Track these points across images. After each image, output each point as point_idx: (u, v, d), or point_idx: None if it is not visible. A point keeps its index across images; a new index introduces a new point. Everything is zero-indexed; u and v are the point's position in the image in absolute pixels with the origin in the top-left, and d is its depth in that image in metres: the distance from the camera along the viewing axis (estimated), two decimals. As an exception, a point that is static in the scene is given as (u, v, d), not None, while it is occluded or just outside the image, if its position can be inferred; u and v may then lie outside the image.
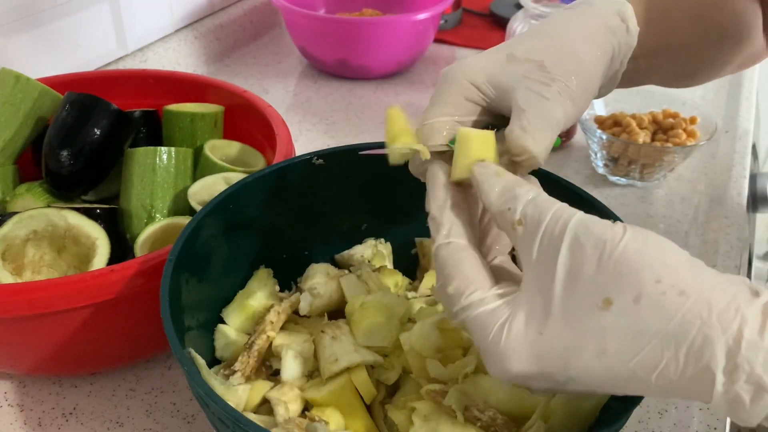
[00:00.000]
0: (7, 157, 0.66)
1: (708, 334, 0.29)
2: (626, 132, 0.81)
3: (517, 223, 0.34)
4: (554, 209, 0.33)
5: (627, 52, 0.46)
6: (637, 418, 0.54)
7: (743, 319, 0.28)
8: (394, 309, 0.49)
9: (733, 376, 0.28)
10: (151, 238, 0.60)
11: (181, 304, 0.45)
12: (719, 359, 0.29)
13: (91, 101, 0.64)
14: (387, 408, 0.45)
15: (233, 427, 0.36)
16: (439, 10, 1.04)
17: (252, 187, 0.52)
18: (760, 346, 0.28)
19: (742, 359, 0.28)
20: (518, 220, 0.34)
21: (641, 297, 0.30)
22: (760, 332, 0.28)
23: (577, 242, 0.32)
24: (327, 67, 1.08)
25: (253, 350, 0.48)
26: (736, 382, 0.28)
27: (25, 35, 0.82)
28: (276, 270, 0.55)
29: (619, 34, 0.45)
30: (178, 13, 1.08)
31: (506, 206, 0.35)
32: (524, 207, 0.34)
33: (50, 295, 0.46)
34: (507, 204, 0.35)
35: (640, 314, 0.30)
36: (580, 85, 0.41)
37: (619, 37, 0.45)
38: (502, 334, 0.33)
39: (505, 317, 0.33)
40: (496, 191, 0.35)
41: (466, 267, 0.35)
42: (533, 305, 0.33)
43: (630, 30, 0.45)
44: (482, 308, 0.34)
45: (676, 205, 0.81)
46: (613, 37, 0.44)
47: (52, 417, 0.53)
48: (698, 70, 0.52)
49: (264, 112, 0.67)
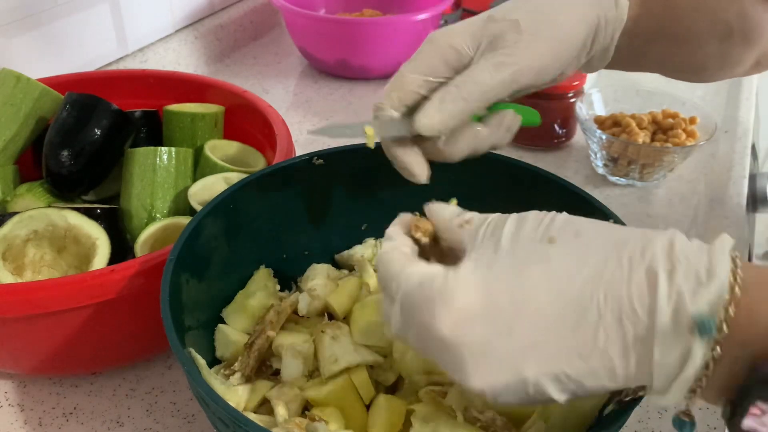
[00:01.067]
0: (8, 157, 0.66)
1: (646, 239, 0.31)
2: (626, 132, 0.81)
3: (465, 223, 0.36)
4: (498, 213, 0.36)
5: (617, 26, 0.48)
6: (636, 418, 0.54)
7: (673, 233, 0.32)
8: None
9: (673, 273, 0.30)
10: (151, 238, 0.60)
11: (181, 304, 0.45)
12: (659, 256, 0.30)
13: (92, 101, 0.64)
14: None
15: (233, 427, 0.36)
16: (439, 10, 1.04)
17: (252, 187, 0.52)
18: (691, 247, 0.31)
19: (679, 254, 0.30)
20: (466, 220, 0.36)
21: (581, 231, 0.33)
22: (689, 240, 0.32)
23: (520, 217, 0.35)
24: (327, 67, 1.08)
25: (253, 350, 0.48)
26: (675, 280, 0.30)
27: (25, 35, 0.82)
28: (276, 270, 0.56)
29: (605, 5, 0.47)
30: (179, 14, 1.08)
31: (455, 215, 0.38)
32: (472, 215, 0.37)
33: (50, 295, 0.46)
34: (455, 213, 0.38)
35: (582, 243, 0.32)
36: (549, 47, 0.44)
37: (606, 9, 0.47)
38: (448, 277, 0.33)
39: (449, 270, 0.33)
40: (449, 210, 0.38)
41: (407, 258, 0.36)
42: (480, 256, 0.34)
43: (619, 3, 0.47)
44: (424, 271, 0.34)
45: (676, 205, 0.81)
46: (599, 7, 0.46)
47: (52, 417, 0.53)
48: (705, 65, 0.52)
49: (264, 112, 0.67)
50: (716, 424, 0.54)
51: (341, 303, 0.51)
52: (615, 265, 0.31)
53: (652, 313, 0.30)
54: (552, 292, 0.31)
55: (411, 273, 0.34)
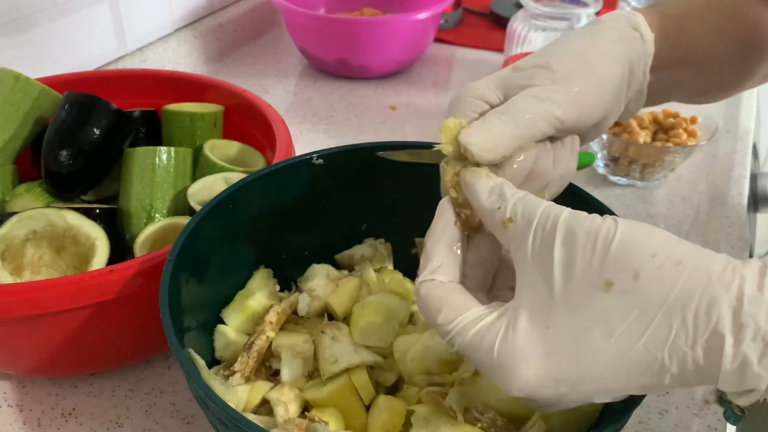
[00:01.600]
0: (7, 157, 0.65)
1: (712, 295, 0.29)
2: (627, 132, 0.81)
3: (507, 221, 0.34)
4: (543, 206, 0.34)
5: (646, 60, 0.45)
6: (637, 418, 0.54)
7: (742, 278, 0.29)
8: (394, 311, 0.49)
9: (739, 335, 0.29)
10: (150, 238, 0.60)
11: (180, 304, 0.45)
12: (726, 319, 0.29)
13: (91, 101, 0.64)
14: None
15: (233, 428, 0.36)
16: (439, 9, 1.04)
17: (252, 187, 0.52)
18: (762, 301, 0.29)
19: (746, 316, 0.29)
20: (508, 218, 0.34)
21: (640, 273, 0.30)
22: (759, 288, 0.29)
23: (570, 233, 0.32)
24: (327, 66, 1.08)
25: (253, 350, 0.48)
26: (743, 341, 0.29)
27: (24, 35, 0.82)
28: (276, 270, 0.55)
29: (633, 41, 0.44)
30: (178, 13, 1.08)
31: (495, 205, 0.35)
32: (513, 206, 0.34)
33: (50, 295, 0.46)
34: (496, 203, 0.35)
35: (642, 289, 0.30)
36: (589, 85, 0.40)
37: (635, 44, 0.44)
38: (507, 340, 0.32)
39: (506, 326, 0.33)
40: (486, 191, 0.36)
41: (451, 297, 0.35)
42: (534, 302, 0.33)
43: (645, 37, 0.45)
44: (478, 325, 0.33)
45: (677, 205, 0.81)
46: (628, 44, 0.44)
47: (51, 417, 0.53)
48: (723, 84, 0.51)
49: (264, 112, 0.67)
50: (717, 425, 0.54)
51: (341, 303, 0.51)
52: (679, 326, 0.30)
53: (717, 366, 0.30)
54: (616, 357, 0.31)
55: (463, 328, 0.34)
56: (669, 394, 0.56)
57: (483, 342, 0.33)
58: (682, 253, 0.31)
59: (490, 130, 0.37)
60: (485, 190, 0.36)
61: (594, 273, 0.31)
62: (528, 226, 0.33)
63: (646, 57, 0.45)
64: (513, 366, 0.32)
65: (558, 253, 0.32)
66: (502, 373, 0.33)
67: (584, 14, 0.90)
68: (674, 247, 0.31)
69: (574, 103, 0.39)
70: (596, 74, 0.41)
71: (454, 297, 0.35)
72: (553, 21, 0.91)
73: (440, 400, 0.42)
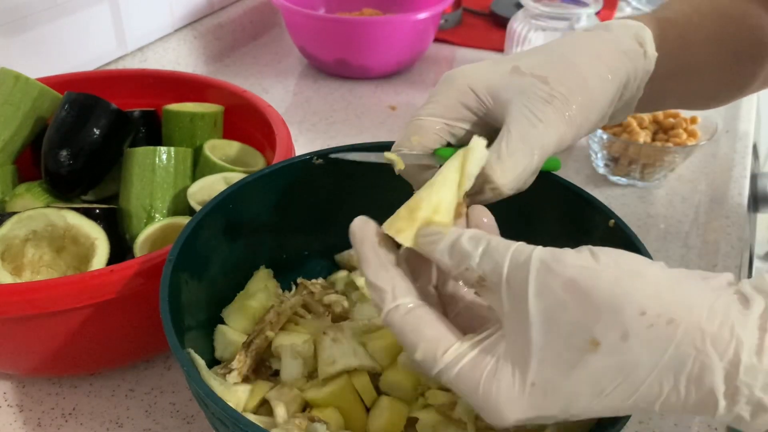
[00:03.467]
0: (7, 157, 0.65)
1: (705, 363, 0.28)
2: (627, 132, 0.81)
3: (478, 281, 0.32)
4: (510, 255, 0.31)
5: (644, 77, 0.45)
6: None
7: (739, 342, 0.27)
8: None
9: (734, 398, 0.28)
10: (150, 238, 0.60)
11: (180, 304, 0.45)
12: (719, 386, 0.28)
13: (91, 101, 0.64)
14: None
15: (233, 428, 0.36)
16: (439, 9, 1.04)
17: (252, 187, 0.52)
18: (759, 369, 0.27)
19: (741, 384, 0.28)
20: (478, 278, 0.32)
21: (629, 334, 0.28)
22: (758, 353, 0.27)
23: (544, 286, 0.30)
24: (327, 66, 1.08)
25: (251, 349, 0.48)
26: (737, 404, 0.28)
27: (24, 35, 0.82)
28: (276, 270, 0.55)
29: (635, 58, 0.43)
30: (178, 13, 1.07)
31: (462, 267, 0.33)
32: (479, 262, 0.32)
33: (50, 295, 0.46)
34: (462, 265, 0.33)
35: (632, 351, 0.28)
36: (582, 106, 0.40)
37: (635, 61, 0.43)
38: (491, 388, 0.31)
39: (489, 368, 0.31)
40: (447, 256, 0.33)
41: (426, 327, 0.33)
42: (516, 354, 0.31)
43: (647, 54, 0.44)
44: (461, 364, 0.32)
45: (677, 205, 0.81)
46: (629, 61, 0.43)
47: (51, 417, 0.53)
48: (717, 92, 0.51)
49: (264, 112, 0.67)
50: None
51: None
52: (671, 389, 0.29)
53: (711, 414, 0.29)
54: (605, 409, 0.30)
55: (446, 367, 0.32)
56: (669, 394, 0.56)
57: (467, 382, 0.32)
58: (673, 309, 0.28)
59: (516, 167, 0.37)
60: (445, 255, 0.33)
61: (577, 332, 0.29)
62: (499, 283, 0.31)
63: (644, 74, 0.45)
64: (499, 413, 0.31)
65: (534, 311, 0.30)
66: (489, 413, 0.31)
67: (584, 14, 0.90)
68: (665, 299, 0.28)
69: (569, 127, 0.39)
70: (591, 94, 0.40)
71: (427, 328, 0.33)
72: (553, 21, 0.91)
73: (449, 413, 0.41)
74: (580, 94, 0.40)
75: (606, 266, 0.29)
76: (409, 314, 0.33)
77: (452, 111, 0.41)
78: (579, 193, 0.50)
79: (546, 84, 0.39)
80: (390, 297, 0.33)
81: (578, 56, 0.42)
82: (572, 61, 0.41)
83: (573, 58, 0.41)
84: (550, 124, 0.38)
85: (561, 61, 0.41)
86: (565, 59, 0.41)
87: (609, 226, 0.47)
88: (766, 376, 0.27)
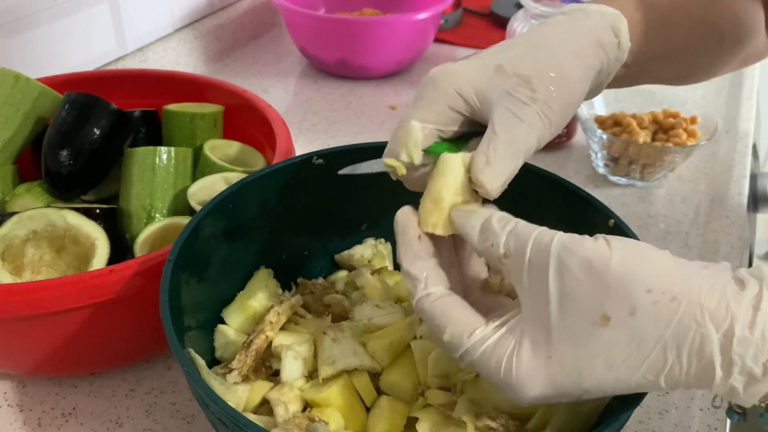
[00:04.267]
0: (7, 157, 0.65)
1: (705, 334, 0.31)
2: (627, 132, 0.81)
3: (503, 257, 0.35)
4: (534, 236, 0.34)
5: (615, 66, 0.46)
6: (637, 418, 0.54)
7: (734, 317, 0.30)
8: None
9: (729, 369, 0.31)
10: (150, 238, 0.60)
11: (181, 304, 0.45)
12: (716, 356, 0.31)
13: (91, 101, 0.64)
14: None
15: (233, 428, 0.36)
16: (439, 9, 1.04)
17: (252, 187, 0.52)
18: (750, 342, 0.30)
19: (735, 354, 0.30)
20: (503, 254, 0.35)
21: (636, 309, 0.31)
22: (750, 328, 0.30)
23: (563, 265, 0.33)
24: (327, 66, 1.08)
25: (251, 349, 0.48)
26: (731, 375, 0.31)
27: (25, 35, 0.82)
28: (276, 270, 0.55)
29: (609, 50, 0.44)
30: (178, 13, 1.08)
31: (488, 243, 0.35)
32: (506, 240, 0.35)
33: (50, 295, 0.46)
34: (488, 241, 0.35)
35: (639, 325, 0.31)
36: (560, 105, 0.41)
37: (609, 53, 0.44)
38: (512, 366, 0.34)
39: (510, 348, 0.34)
40: (477, 232, 0.36)
41: (455, 311, 0.36)
42: (535, 331, 0.34)
43: (621, 45, 0.45)
44: (485, 345, 0.35)
45: (677, 205, 0.81)
46: (603, 53, 0.44)
47: (51, 417, 0.53)
48: (695, 71, 0.52)
49: (264, 112, 0.67)
50: (717, 425, 0.54)
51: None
52: (674, 359, 0.31)
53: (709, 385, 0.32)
54: (616, 381, 0.33)
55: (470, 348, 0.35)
56: (669, 394, 0.56)
57: (490, 362, 0.34)
58: (676, 287, 0.31)
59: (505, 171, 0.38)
60: (475, 230, 0.36)
61: (591, 307, 0.32)
62: (521, 261, 0.34)
63: (616, 64, 0.46)
64: (519, 388, 0.34)
65: (552, 289, 0.33)
66: (510, 390, 0.34)
67: (584, 14, 0.90)
68: (669, 280, 0.31)
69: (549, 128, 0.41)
70: (570, 92, 0.42)
71: (455, 312, 0.36)
72: (553, 21, 0.91)
73: (449, 413, 0.41)
74: (561, 94, 0.41)
75: (617, 250, 0.32)
76: (438, 300, 0.36)
77: (441, 115, 0.42)
78: (579, 193, 0.50)
79: (529, 84, 0.40)
80: (422, 285, 0.36)
81: (559, 52, 0.42)
82: (554, 57, 0.42)
83: (556, 54, 0.42)
84: (533, 126, 0.40)
85: (543, 58, 0.42)
86: (547, 56, 0.42)
87: (609, 226, 0.47)
88: (756, 348, 0.30)
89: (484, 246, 0.36)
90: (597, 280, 0.32)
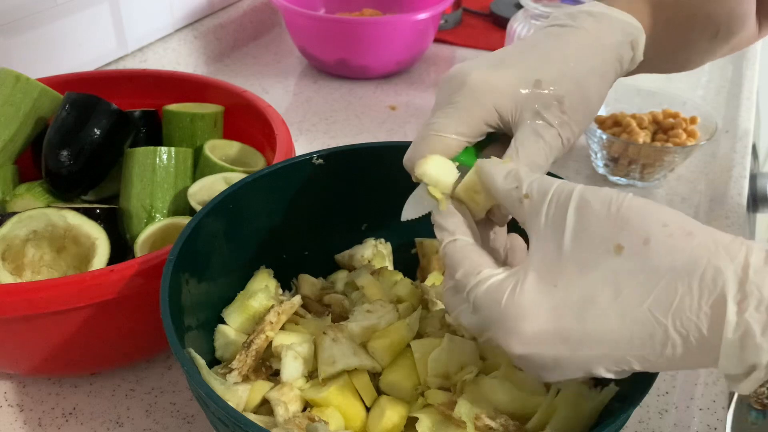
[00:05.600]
0: (7, 157, 0.65)
1: (717, 264, 0.30)
2: (626, 132, 0.81)
3: (524, 197, 0.36)
4: (558, 182, 0.35)
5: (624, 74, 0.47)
6: (637, 418, 0.54)
7: (749, 250, 0.30)
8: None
9: (743, 304, 0.29)
10: (151, 238, 0.60)
11: (181, 304, 0.45)
12: (731, 286, 0.30)
13: (91, 101, 0.64)
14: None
15: (233, 428, 0.36)
16: (439, 10, 1.04)
17: (252, 187, 0.52)
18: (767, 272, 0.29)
19: (751, 285, 0.29)
20: (525, 194, 0.36)
21: (650, 239, 0.32)
22: (766, 260, 0.30)
23: (584, 201, 0.34)
24: (327, 67, 1.08)
25: (251, 349, 0.48)
26: (746, 310, 0.29)
27: (25, 35, 0.82)
28: (276, 270, 0.55)
29: (625, 64, 0.46)
30: (178, 13, 1.08)
31: (512, 185, 0.37)
32: (530, 184, 0.36)
33: (50, 295, 0.46)
34: (513, 184, 0.37)
35: (651, 254, 0.31)
36: (580, 127, 0.43)
37: (624, 66, 0.46)
38: (514, 297, 0.34)
39: (515, 283, 0.34)
40: (502, 175, 0.37)
41: (473, 254, 0.37)
42: (544, 263, 0.34)
43: (635, 59, 0.46)
44: (491, 280, 0.35)
45: (677, 205, 0.81)
46: (620, 67, 0.45)
47: (52, 417, 0.53)
48: (688, 61, 0.52)
49: (264, 112, 0.67)
50: (716, 424, 0.54)
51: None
52: (685, 290, 0.31)
53: (719, 337, 0.30)
54: (621, 318, 0.32)
55: (478, 284, 0.36)
56: (669, 394, 0.56)
57: (493, 296, 0.35)
58: (692, 226, 0.32)
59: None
60: (501, 174, 0.37)
61: (605, 236, 0.32)
62: (543, 198, 0.35)
63: (626, 73, 0.47)
64: (517, 319, 0.33)
65: (570, 219, 0.34)
66: (507, 326, 0.34)
67: (584, 14, 0.90)
68: (685, 220, 0.32)
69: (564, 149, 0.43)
70: (591, 115, 0.44)
71: (472, 255, 0.37)
72: (553, 21, 0.91)
73: (449, 413, 0.41)
74: (584, 117, 0.43)
75: (638, 197, 0.33)
76: (462, 246, 0.38)
77: (475, 129, 0.43)
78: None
79: (561, 106, 0.42)
80: (450, 234, 0.39)
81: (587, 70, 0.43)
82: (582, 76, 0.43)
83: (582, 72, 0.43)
84: (552, 148, 0.42)
85: (574, 76, 0.43)
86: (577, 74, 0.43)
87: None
88: None
89: (507, 188, 0.37)
90: (615, 214, 0.33)
